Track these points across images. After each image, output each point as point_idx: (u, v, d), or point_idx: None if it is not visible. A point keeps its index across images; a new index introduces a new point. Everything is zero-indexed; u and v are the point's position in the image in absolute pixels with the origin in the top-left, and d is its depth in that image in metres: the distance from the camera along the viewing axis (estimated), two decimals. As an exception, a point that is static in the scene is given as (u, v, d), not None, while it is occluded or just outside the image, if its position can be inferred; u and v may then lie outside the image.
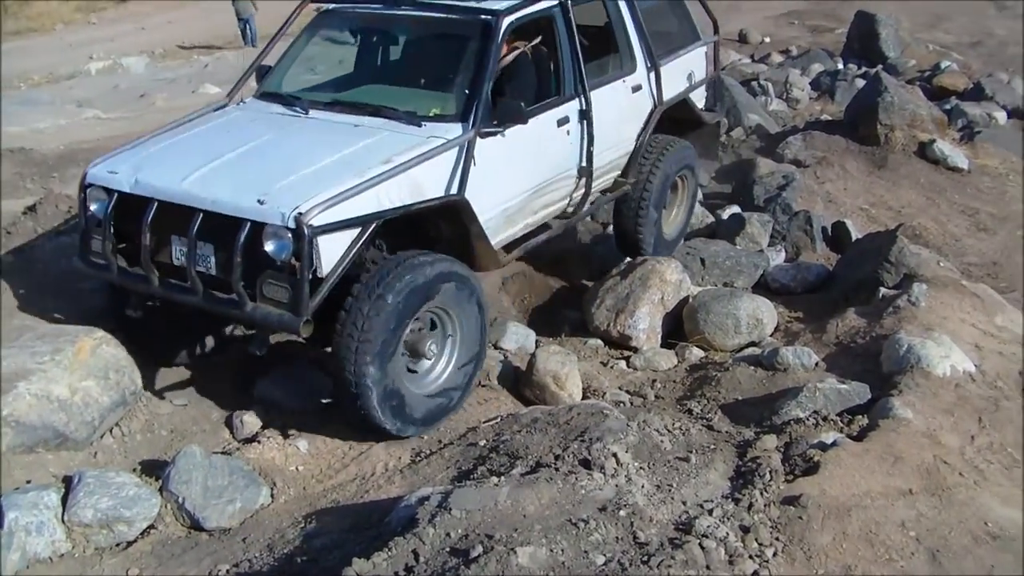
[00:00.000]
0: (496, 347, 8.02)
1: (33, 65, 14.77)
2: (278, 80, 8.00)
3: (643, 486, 5.24)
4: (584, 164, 8.10)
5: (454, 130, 6.86)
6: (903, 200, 11.80)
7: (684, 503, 5.26)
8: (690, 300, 8.46)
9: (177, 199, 6.29)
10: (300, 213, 5.84)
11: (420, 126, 6.90)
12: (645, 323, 8.34)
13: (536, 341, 8.30)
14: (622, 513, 4.80)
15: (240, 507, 5.90)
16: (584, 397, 7.23)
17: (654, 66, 8.92)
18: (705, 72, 10.16)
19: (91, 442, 6.43)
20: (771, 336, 8.43)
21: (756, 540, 4.90)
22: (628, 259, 9.08)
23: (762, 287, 9.47)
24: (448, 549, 4.53)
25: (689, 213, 10.17)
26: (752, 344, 8.26)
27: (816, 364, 7.41)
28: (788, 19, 22.59)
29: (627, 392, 7.50)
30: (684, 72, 9.69)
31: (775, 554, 4.86)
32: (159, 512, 5.81)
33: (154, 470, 6.18)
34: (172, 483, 5.85)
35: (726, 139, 13.39)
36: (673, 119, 9.48)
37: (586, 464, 5.33)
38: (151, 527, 5.77)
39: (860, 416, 6.35)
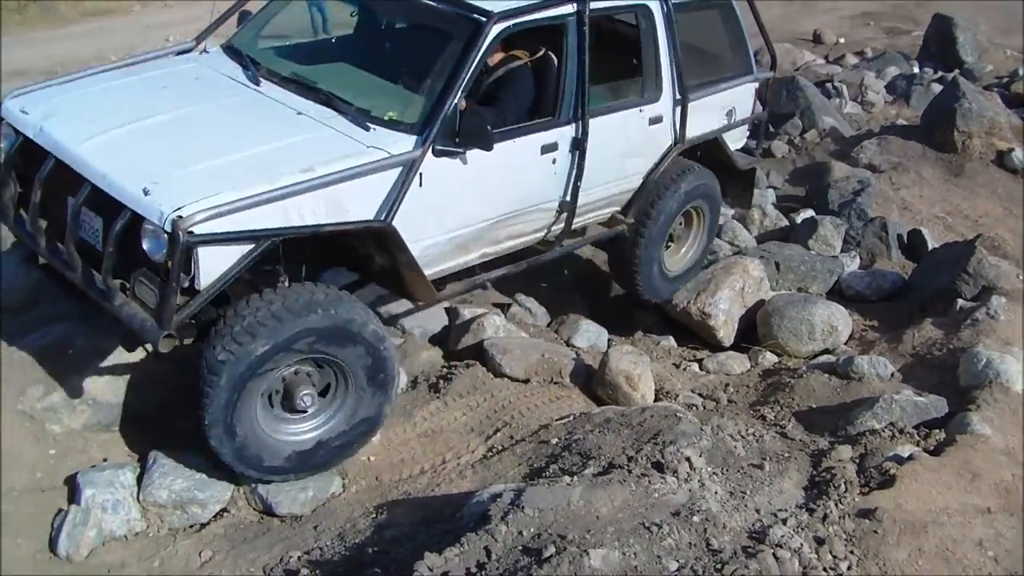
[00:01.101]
0: (568, 344, 8.00)
1: (111, 46, 14.93)
2: (250, 36, 7.22)
3: (716, 492, 5.21)
4: (568, 199, 7.17)
5: (403, 143, 6.00)
6: (980, 210, 11.61)
7: (758, 511, 5.22)
8: (765, 304, 8.40)
9: (70, 161, 5.64)
10: (180, 217, 5.08)
11: (368, 130, 6.05)
12: (725, 305, 8.32)
13: (608, 340, 8.25)
14: (695, 519, 4.76)
15: (312, 495, 5.92)
16: (656, 398, 7.18)
17: (683, 98, 7.76)
18: (751, 111, 8.92)
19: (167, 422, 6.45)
20: (845, 344, 8.35)
21: (831, 552, 4.86)
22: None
23: (836, 293, 9.36)
24: (520, 547, 4.53)
25: (704, 249, 8.97)
26: (826, 351, 8.19)
27: (892, 375, 7.34)
28: (864, 20, 22.23)
29: (700, 395, 7.46)
30: (723, 108, 8.48)
31: (849, 567, 4.82)
32: (232, 496, 5.88)
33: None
34: (246, 467, 5.90)
35: (800, 141, 13.27)
36: (701, 156, 8.45)
37: (659, 467, 5.31)
38: (224, 510, 5.84)
39: (937, 430, 6.30)
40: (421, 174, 6.03)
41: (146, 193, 5.21)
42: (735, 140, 8.93)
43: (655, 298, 8.51)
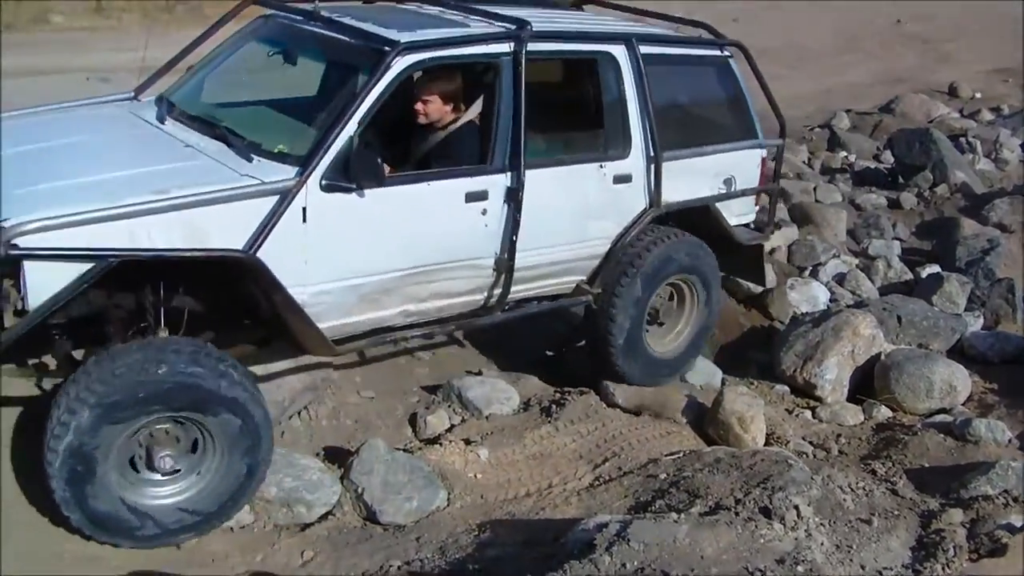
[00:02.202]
0: (683, 380, 8.00)
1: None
2: (189, 87, 6.82)
3: (822, 543, 5.15)
4: (505, 256, 6.45)
5: (281, 173, 5.54)
6: (1113, 278, 11.33)
7: (863, 567, 5.16)
8: (883, 357, 8.28)
9: None
10: (1, 227, 4.75)
11: (250, 161, 5.60)
12: (832, 374, 8.15)
13: (722, 379, 8.23)
14: (799, 568, 4.72)
15: (416, 506, 5.95)
16: (767, 443, 7.15)
17: (656, 157, 6.99)
18: (757, 181, 7.95)
19: (279, 422, 6.51)
20: (963, 405, 8.20)
21: (935, 616, 4.80)
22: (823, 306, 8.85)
23: (957, 352, 9.16)
24: (623, 580, 4.53)
25: (703, 330, 7.98)
26: (943, 410, 8.05)
27: (1010, 440, 7.22)
28: (1001, 76, 21.79)
29: (811, 443, 7.40)
30: (717, 174, 7.60)
31: (954, 634, 4.75)
32: (339, 500, 5.92)
33: (336, 457, 6.29)
34: (354, 473, 5.96)
35: (929, 194, 13.04)
36: (697, 228, 7.60)
37: (766, 512, 5.26)
38: (329, 513, 5.88)
39: (1053, 503, 6.14)
40: (305, 209, 5.55)
41: None
42: (740, 214, 8.06)
43: (644, 383, 7.53)
